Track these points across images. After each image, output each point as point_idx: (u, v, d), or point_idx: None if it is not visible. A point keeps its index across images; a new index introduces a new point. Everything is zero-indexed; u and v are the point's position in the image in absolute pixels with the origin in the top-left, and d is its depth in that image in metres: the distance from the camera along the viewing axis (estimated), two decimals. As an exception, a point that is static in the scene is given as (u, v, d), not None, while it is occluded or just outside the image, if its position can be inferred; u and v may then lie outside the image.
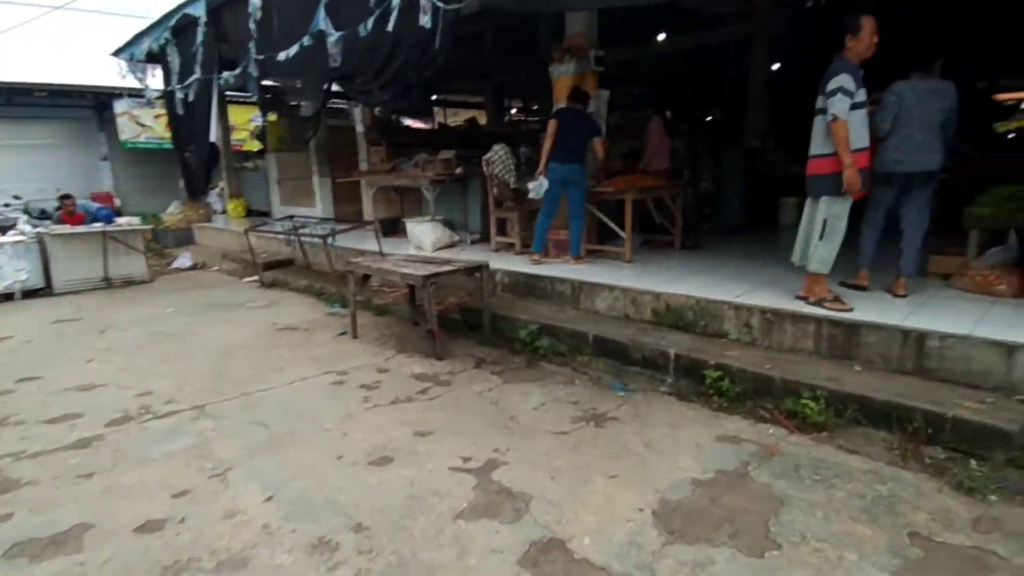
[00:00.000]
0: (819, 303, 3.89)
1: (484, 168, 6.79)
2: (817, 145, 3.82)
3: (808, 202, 3.93)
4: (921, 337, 3.33)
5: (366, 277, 5.30)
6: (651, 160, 7.02)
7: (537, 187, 5.82)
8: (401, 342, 5.11)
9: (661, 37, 9.49)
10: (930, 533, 2.36)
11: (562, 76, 6.20)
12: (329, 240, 6.65)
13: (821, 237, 3.82)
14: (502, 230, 7.08)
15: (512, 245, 6.85)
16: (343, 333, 5.42)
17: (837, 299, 3.86)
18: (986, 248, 4.33)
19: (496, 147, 6.83)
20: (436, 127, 15.91)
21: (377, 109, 9.32)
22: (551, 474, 2.87)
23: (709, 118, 7.71)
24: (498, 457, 3.05)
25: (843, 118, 3.60)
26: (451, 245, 7.42)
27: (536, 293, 5.47)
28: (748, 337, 4.05)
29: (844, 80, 3.59)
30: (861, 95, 3.65)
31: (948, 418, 2.89)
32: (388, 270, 4.88)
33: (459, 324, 5.43)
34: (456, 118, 21.94)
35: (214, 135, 9.19)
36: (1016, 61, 9.37)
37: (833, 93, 3.61)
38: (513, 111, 16.64)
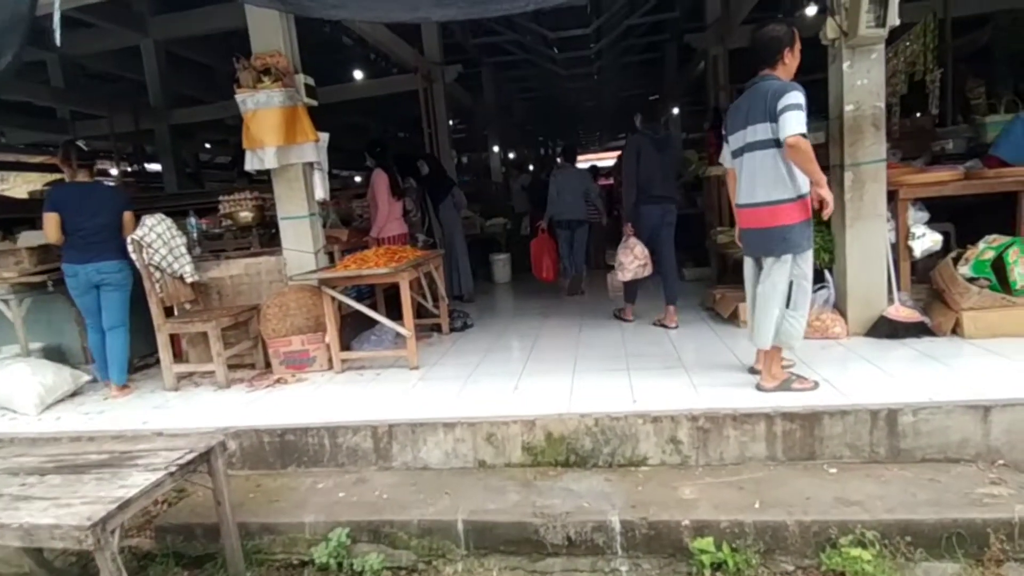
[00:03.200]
0: (785, 386, 3.02)
1: (134, 256, 4.08)
2: (766, 189, 2.91)
3: (768, 264, 3.00)
4: (892, 415, 2.73)
5: None
6: (385, 225, 5.41)
7: None
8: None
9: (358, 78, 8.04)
10: None
11: (262, 110, 4.12)
12: None
13: (789, 304, 2.98)
14: (181, 352, 4.40)
15: (208, 374, 4.28)
16: None
17: (800, 377, 3.06)
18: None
19: (150, 221, 4.21)
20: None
21: None
22: None
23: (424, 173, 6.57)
24: None
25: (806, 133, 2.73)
26: (76, 392, 4.27)
27: (303, 458, 3.24)
28: (676, 458, 2.90)
29: (798, 97, 2.74)
30: None
31: (1015, 523, 2.26)
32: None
33: (158, 562, 2.79)
34: (7, 185, 15.64)
35: None
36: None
37: (787, 109, 2.71)
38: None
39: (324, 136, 4.44)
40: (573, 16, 9.07)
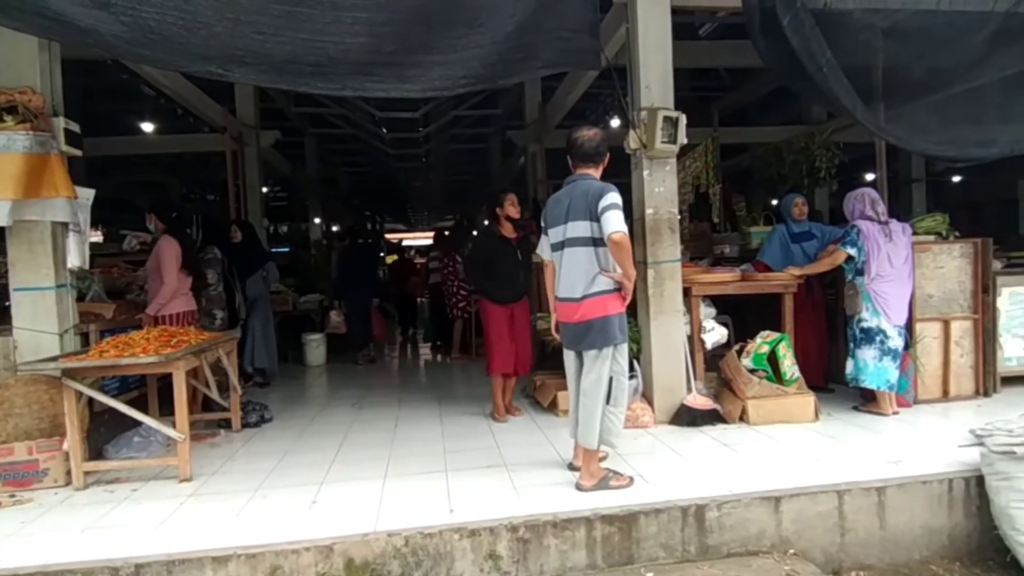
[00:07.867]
0: (603, 485, 2.93)
1: None
2: (586, 283, 2.92)
3: (591, 358, 2.95)
4: (700, 511, 2.76)
5: None
6: (169, 301, 4.57)
7: None
8: None
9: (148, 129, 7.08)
10: None
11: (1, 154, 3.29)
12: None
13: (609, 401, 2.90)
14: None
15: None
16: None
17: (616, 473, 2.98)
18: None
19: None
20: None
21: None
22: None
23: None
24: None
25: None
26: None
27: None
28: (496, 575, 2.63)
29: (616, 197, 2.85)
30: None
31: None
32: None
33: None
34: None
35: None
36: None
37: (608, 209, 2.81)
38: None
39: (86, 192, 3.69)
40: (401, 100, 9.16)
